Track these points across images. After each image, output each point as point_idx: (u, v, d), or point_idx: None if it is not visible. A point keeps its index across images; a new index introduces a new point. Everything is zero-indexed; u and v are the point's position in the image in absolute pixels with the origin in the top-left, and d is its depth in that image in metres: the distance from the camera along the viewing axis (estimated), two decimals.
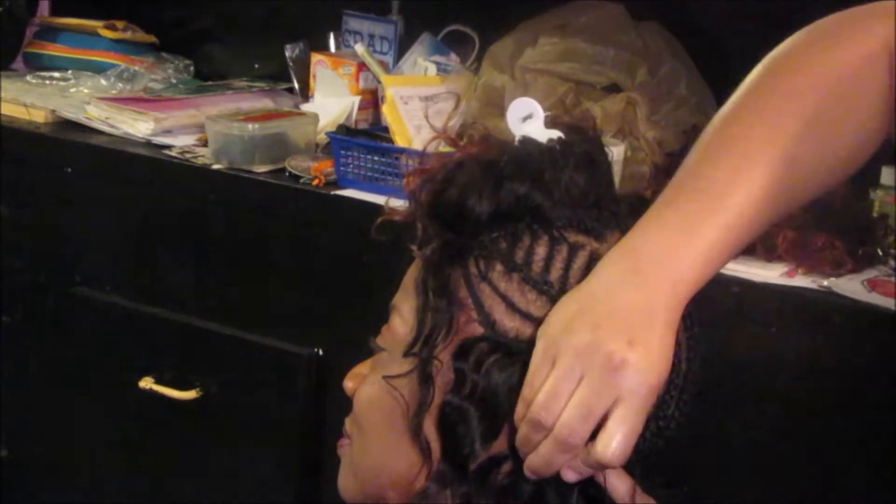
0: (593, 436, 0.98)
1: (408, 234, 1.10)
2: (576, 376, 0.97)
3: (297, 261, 2.20)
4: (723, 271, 1.87)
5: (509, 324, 1.04)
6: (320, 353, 2.16)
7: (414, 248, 1.10)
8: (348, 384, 1.14)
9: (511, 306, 1.04)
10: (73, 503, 2.41)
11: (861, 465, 1.82)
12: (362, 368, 1.14)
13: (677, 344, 1.03)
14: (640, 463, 1.05)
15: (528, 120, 1.11)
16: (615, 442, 0.97)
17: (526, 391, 1.00)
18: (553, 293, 1.03)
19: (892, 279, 1.87)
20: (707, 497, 1.86)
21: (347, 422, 1.15)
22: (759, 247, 1.92)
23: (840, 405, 1.82)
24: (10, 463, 2.51)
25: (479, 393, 1.03)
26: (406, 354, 1.06)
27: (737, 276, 1.88)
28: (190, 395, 2.25)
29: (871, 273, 1.90)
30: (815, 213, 1.92)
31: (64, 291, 2.41)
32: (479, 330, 1.04)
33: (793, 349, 1.83)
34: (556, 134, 1.09)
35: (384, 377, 1.08)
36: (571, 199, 1.07)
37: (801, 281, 1.86)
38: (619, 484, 1.04)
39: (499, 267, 1.05)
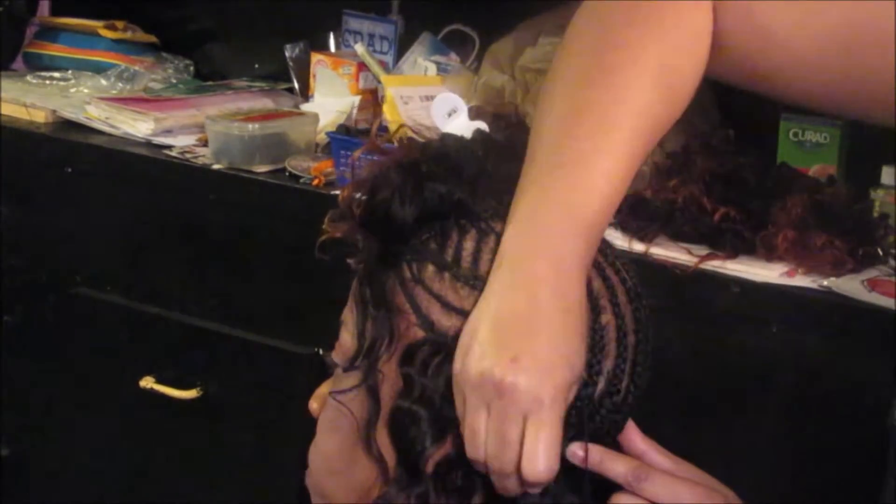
0: None
1: (352, 249, 1.10)
2: (483, 410, 0.98)
3: (297, 261, 2.20)
4: (723, 271, 1.89)
5: (447, 322, 1.03)
6: (320, 353, 2.16)
7: (350, 261, 1.10)
8: (313, 405, 1.15)
9: (446, 305, 1.04)
10: (73, 503, 2.41)
11: (861, 464, 1.82)
12: (324, 388, 1.14)
13: (619, 316, 1.04)
14: (608, 441, 1.05)
15: (452, 115, 1.11)
16: (537, 460, 0.98)
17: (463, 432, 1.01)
18: (483, 286, 1.03)
19: (892, 279, 1.87)
20: None
21: (312, 449, 1.14)
22: (759, 247, 1.92)
23: (840, 405, 1.82)
24: (10, 463, 2.51)
25: (428, 395, 1.03)
26: (347, 369, 1.07)
27: (737, 275, 1.88)
28: (190, 394, 2.25)
29: (871, 273, 1.90)
30: (815, 213, 1.92)
31: (64, 291, 2.41)
32: (420, 333, 1.04)
33: (793, 349, 1.83)
34: (480, 125, 1.10)
35: (331, 393, 1.09)
36: (496, 188, 1.07)
37: (801, 281, 1.86)
38: (615, 465, 1.04)
39: (431, 268, 1.05)
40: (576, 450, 1.02)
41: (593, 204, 1.01)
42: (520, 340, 0.98)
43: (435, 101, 1.12)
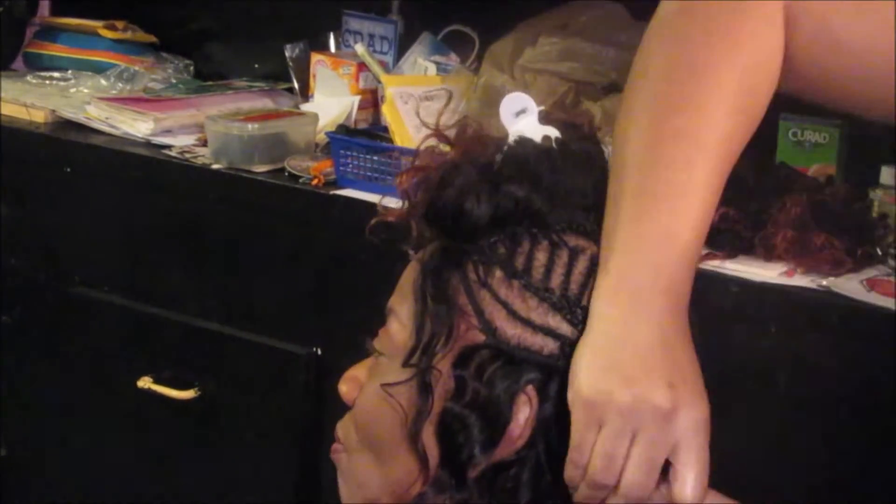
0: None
1: (403, 235, 1.09)
2: (627, 434, 0.97)
3: (296, 261, 2.20)
4: (722, 271, 1.89)
5: (511, 331, 1.03)
6: (319, 352, 2.16)
7: (410, 250, 1.09)
8: (343, 388, 1.13)
9: (512, 313, 1.03)
10: (72, 503, 2.41)
11: (861, 464, 1.82)
12: (357, 372, 1.13)
13: None
14: None
15: (521, 115, 1.10)
16: (690, 485, 0.98)
17: (574, 456, 0.99)
18: (554, 300, 1.02)
19: (892, 279, 1.87)
20: None
21: (340, 427, 1.13)
22: (758, 246, 1.92)
23: (840, 405, 1.82)
24: (10, 463, 2.51)
25: (481, 401, 1.02)
26: (406, 364, 1.05)
27: (736, 275, 1.88)
28: (189, 394, 2.25)
29: (870, 273, 1.90)
30: (814, 212, 1.92)
31: (64, 291, 2.41)
32: (479, 337, 1.03)
33: (792, 349, 1.83)
34: (550, 131, 1.08)
35: (383, 386, 1.07)
36: (570, 201, 1.06)
37: (801, 281, 1.86)
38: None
39: (498, 273, 1.04)
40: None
41: (695, 233, 1.02)
42: (669, 367, 0.98)
43: (504, 100, 1.10)
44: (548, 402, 1.02)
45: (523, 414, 1.02)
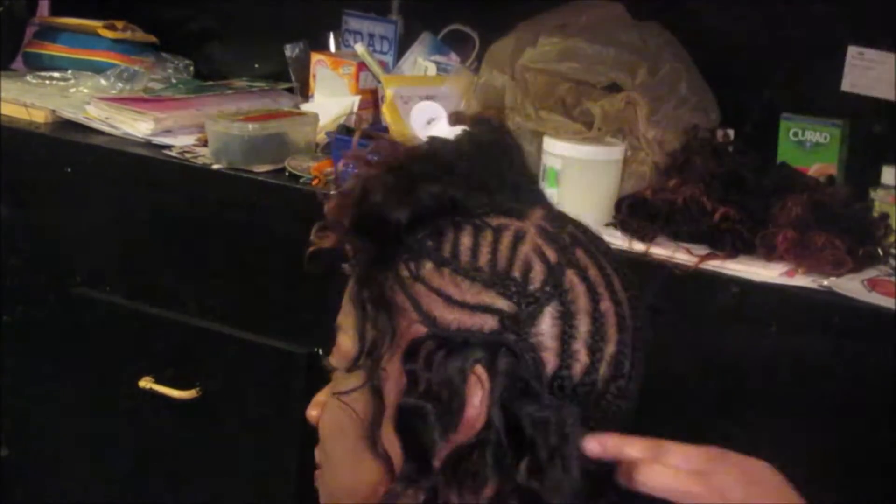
0: None
1: (343, 257, 1.11)
2: None
3: (296, 261, 2.20)
4: (723, 271, 1.89)
5: (450, 316, 1.05)
6: (320, 353, 2.16)
7: (346, 267, 1.11)
8: (311, 413, 1.15)
9: (448, 300, 1.05)
10: (73, 503, 2.41)
11: (861, 464, 1.82)
12: (322, 395, 1.15)
13: (617, 303, 1.06)
14: (616, 430, 1.06)
15: (432, 123, 1.12)
16: None
17: None
18: (484, 277, 1.04)
19: (892, 279, 1.87)
20: None
21: (317, 452, 1.16)
22: (759, 246, 1.92)
23: (840, 405, 1.82)
24: (10, 462, 2.51)
25: (434, 389, 1.04)
26: (350, 369, 1.08)
27: (737, 275, 1.88)
28: (189, 394, 2.25)
29: (871, 273, 1.90)
30: (815, 212, 1.92)
31: (64, 291, 2.41)
32: (421, 329, 1.05)
33: (793, 349, 1.83)
34: (460, 130, 1.11)
35: (333, 394, 1.10)
36: (487, 185, 1.08)
37: (801, 281, 1.86)
38: (632, 448, 1.05)
39: (428, 264, 1.06)
40: (591, 442, 1.03)
41: None
42: None
43: (413, 110, 1.13)
44: (498, 377, 1.04)
45: (477, 395, 1.04)
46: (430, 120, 1.13)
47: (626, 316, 1.07)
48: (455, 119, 1.13)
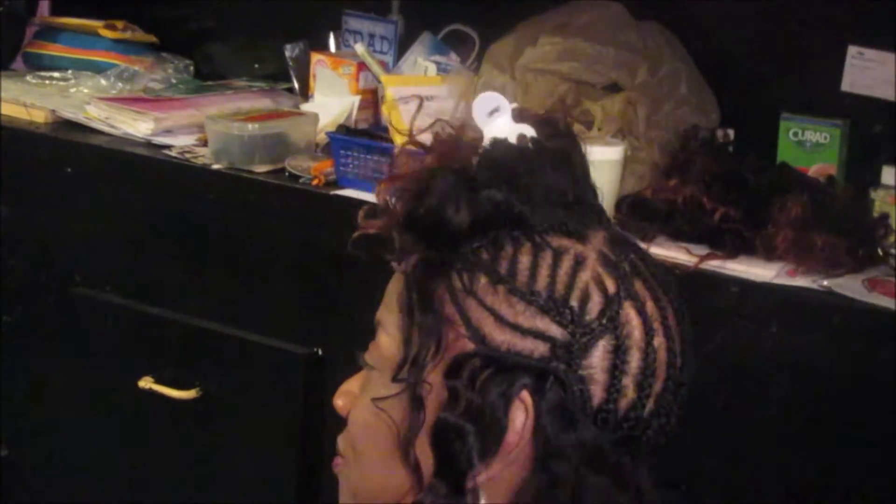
0: None
1: (386, 246, 1.08)
2: None
3: (296, 260, 2.20)
4: (723, 271, 1.89)
5: (500, 337, 1.02)
6: (320, 353, 2.16)
7: (393, 261, 1.08)
8: (338, 402, 1.13)
9: (500, 319, 1.02)
10: (72, 503, 2.41)
11: (861, 464, 1.82)
12: (351, 385, 1.13)
13: (670, 339, 1.04)
14: (647, 460, 1.05)
15: (494, 114, 1.09)
16: None
17: None
18: (541, 302, 1.02)
19: (892, 279, 1.87)
20: (707, 497, 1.86)
21: (340, 440, 1.13)
22: (758, 246, 1.92)
23: (840, 405, 1.82)
24: (10, 463, 2.51)
25: (475, 409, 1.01)
26: (395, 379, 1.05)
27: (737, 275, 1.88)
28: (190, 394, 2.25)
29: (871, 273, 1.90)
30: (815, 212, 1.92)
31: (64, 291, 2.41)
32: (469, 345, 1.02)
33: (793, 349, 1.83)
34: (525, 129, 1.08)
35: (373, 400, 1.07)
36: (550, 200, 1.05)
37: (801, 281, 1.86)
38: None
39: (483, 279, 1.03)
40: None
41: None
42: None
43: (477, 100, 1.09)
44: (544, 405, 1.01)
45: (519, 420, 1.02)
46: (492, 111, 1.10)
47: (676, 353, 1.05)
48: (520, 115, 1.09)
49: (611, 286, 1.03)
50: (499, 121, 1.08)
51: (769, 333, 1.84)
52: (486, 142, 1.08)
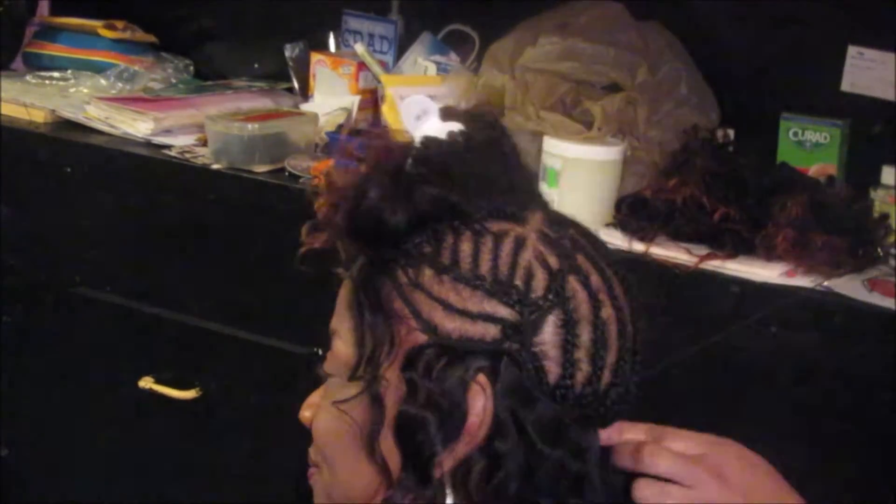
0: None
1: (334, 259, 1.10)
2: None
3: (296, 261, 2.20)
4: (723, 271, 1.89)
5: (450, 325, 1.03)
6: (320, 353, 2.15)
7: (340, 270, 1.10)
8: (305, 414, 1.15)
9: (448, 308, 1.03)
10: (72, 503, 2.41)
11: (861, 464, 1.82)
12: (315, 397, 1.14)
13: (619, 309, 1.05)
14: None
15: (422, 117, 1.10)
16: None
17: None
18: (486, 286, 1.03)
19: (892, 279, 1.87)
20: None
21: (311, 451, 1.15)
22: (758, 246, 1.92)
23: (840, 405, 1.82)
24: (10, 462, 2.51)
25: (435, 398, 1.03)
26: (351, 378, 1.06)
27: (737, 275, 1.88)
28: (189, 394, 2.25)
29: (871, 273, 1.90)
30: (815, 212, 1.92)
31: (64, 291, 2.41)
32: (421, 337, 1.04)
33: (793, 349, 1.83)
34: (453, 127, 1.09)
35: (333, 403, 1.09)
36: (485, 188, 1.07)
37: (801, 281, 1.86)
38: (636, 432, 1.07)
39: (428, 271, 1.04)
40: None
41: None
42: None
43: (404, 104, 1.11)
44: (501, 386, 1.03)
45: (479, 403, 1.03)
46: (419, 115, 1.11)
47: (626, 322, 1.06)
48: (446, 114, 1.10)
49: (553, 262, 1.04)
50: (427, 123, 1.09)
51: (769, 333, 1.84)
52: (417, 142, 1.09)
